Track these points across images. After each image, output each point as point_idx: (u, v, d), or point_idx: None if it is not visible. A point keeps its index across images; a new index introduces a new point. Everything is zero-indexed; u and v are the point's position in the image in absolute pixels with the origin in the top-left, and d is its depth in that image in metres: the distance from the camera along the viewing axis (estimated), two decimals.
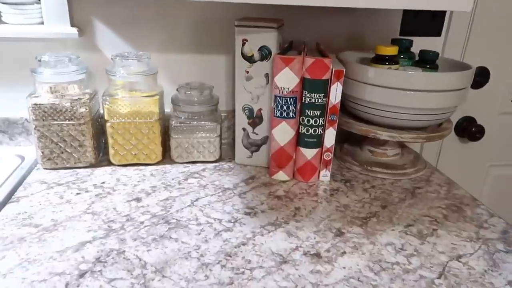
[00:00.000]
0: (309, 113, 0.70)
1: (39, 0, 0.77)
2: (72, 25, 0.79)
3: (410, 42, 0.82)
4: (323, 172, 0.75)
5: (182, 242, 0.56)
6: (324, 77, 0.68)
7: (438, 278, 0.51)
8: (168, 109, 0.82)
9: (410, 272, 0.52)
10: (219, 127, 0.78)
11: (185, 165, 0.79)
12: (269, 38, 0.70)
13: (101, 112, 0.77)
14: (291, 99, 0.69)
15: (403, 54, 0.80)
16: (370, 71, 0.71)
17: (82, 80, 0.73)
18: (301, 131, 0.72)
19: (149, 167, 0.77)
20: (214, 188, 0.71)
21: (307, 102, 0.70)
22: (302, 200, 0.69)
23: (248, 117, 0.77)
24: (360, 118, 0.78)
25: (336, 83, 0.69)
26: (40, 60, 0.70)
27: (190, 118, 0.77)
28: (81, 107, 0.71)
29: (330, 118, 0.71)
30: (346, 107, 0.79)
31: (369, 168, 0.79)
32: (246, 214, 0.64)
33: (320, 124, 0.71)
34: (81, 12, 0.80)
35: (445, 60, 0.81)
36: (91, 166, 0.76)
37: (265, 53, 0.71)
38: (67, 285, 0.47)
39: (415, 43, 0.86)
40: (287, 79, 0.68)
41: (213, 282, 0.49)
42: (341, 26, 0.89)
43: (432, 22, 0.93)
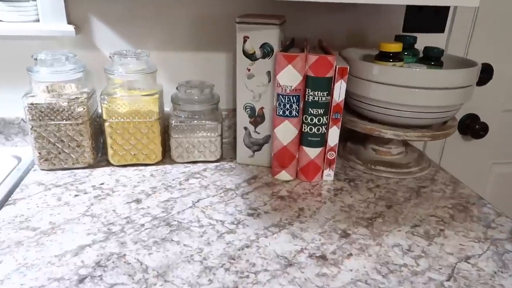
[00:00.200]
0: (312, 112, 0.69)
1: None
2: (69, 22, 0.77)
3: (414, 39, 0.80)
4: (326, 172, 0.74)
5: (184, 245, 0.55)
6: (328, 75, 0.66)
7: (447, 280, 0.50)
8: (168, 108, 0.80)
9: (418, 274, 0.51)
10: (220, 126, 0.76)
11: (185, 165, 0.78)
12: (271, 35, 0.68)
13: (99, 112, 0.76)
14: (294, 98, 0.68)
15: (407, 51, 0.79)
16: (374, 68, 0.69)
17: (79, 79, 0.72)
18: (304, 130, 0.70)
19: (148, 168, 0.76)
20: (216, 188, 0.70)
21: (310, 100, 0.68)
22: (306, 200, 0.67)
23: (250, 116, 0.75)
24: (363, 116, 0.77)
25: (340, 81, 0.67)
26: (36, 59, 0.68)
27: (190, 117, 0.75)
28: (78, 106, 0.69)
29: (333, 117, 0.70)
30: (349, 105, 0.78)
31: (373, 167, 0.78)
32: (249, 215, 0.62)
33: (323, 122, 0.70)
34: (78, 9, 0.78)
35: (449, 57, 0.80)
36: (90, 166, 0.75)
37: (267, 51, 0.70)
38: None
39: (417, 39, 0.85)
40: (290, 77, 0.66)
41: (217, 286, 0.47)
42: (343, 22, 0.88)
43: (436, 18, 0.91)
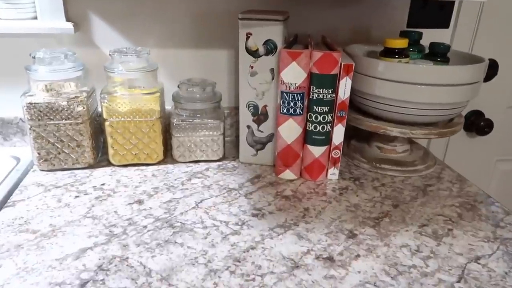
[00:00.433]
0: (317, 110, 0.67)
1: None
2: (67, 19, 0.76)
3: (420, 35, 0.79)
4: (331, 171, 0.73)
5: (188, 247, 0.53)
6: (333, 72, 0.65)
7: (458, 281, 0.49)
8: (169, 106, 0.79)
9: (428, 275, 0.50)
10: (222, 124, 0.75)
11: (187, 164, 0.76)
12: (275, 32, 0.67)
13: (99, 111, 0.74)
14: (298, 95, 0.66)
15: (412, 47, 0.77)
16: (380, 65, 0.68)
17: (79, 77, 0.70)
18: (309, 128, 0.69)
19: (150, 167, 0.74)
20: (219, 188, 0.68)
21: (315, 98, 0.67)
22: (311, 200, 0.66)
23: (253, 114, 0.74)
24: (368, 114, 0.75)
25: (345, 78, 0.66)
26: (34, 57, 0.67)
27: (192, 115, 0.74)
28: (78, 105, 0.68)
29: (338, 115, 0.68)
30: (353, 102, 0.76)
31: (378, 165, 0.76)
32: (254, 215, 0.61)
33: (328, 120, 0.68)
34: (76, 6, 0.76)
35: (455, 53, 0.78)
36: (90, 167, 0.73)
37: (270, 47, 0.68)
38: None
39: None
40: (294, 74, 0.65)
41: None
42: (346, 18, 0.86)
43: (440, 13, 0.90)
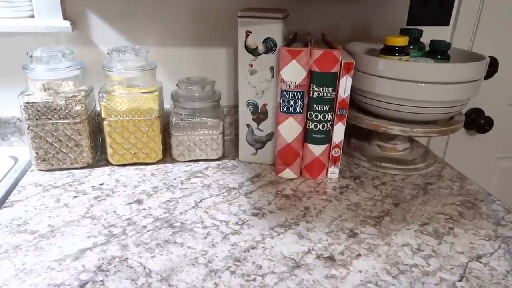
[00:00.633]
0: (317, 108, 0.67)
1: None
2: (65, 18, 0.75)
3: (420, 32, 0.78)
4: (331, 169, 0.72)
5: (188, 247, 0.53)
6: (333, 70, 0.64)
7: (460, 280, 0.49)
8: (168, 105, 0.78)
9: (429, 274, 0.50)
10: (221, 123, 0.75)
11: (187, 163, 0.76)
12: (274, 30, 0.67)
13: (98, 110, 0.74)
14: (298, 94, 0.66)
15: (412, 45, 0.77)
16: (380, 62, 0.68)
17: (77, 76, 0.70)
18: (309, 126, 0.69)
19: (149, 167, 0.74)
20: (219, 187, 0.68)
21: (315, 96, 0.66)
22: (311, 199, 0.66)
23: (253, 113, 0.73)
24: (368, 112, 0.75)
25: (345, 76, 0.65)
26: (31, 56, 0.66)
27: (191, 114, 0.73)
28: (76, 105, 0.67)
29: (339, 113, 0.68)
30: (353, 100, 0.76)
31: (378, 163, 0.76)
32: (254, 215, 0.61)
33: (328, 119, 0.68)
34: (74, 4, 0.76)
35: (455, 51, 0.78)
36: (89, 166, 0.73)
37: (270, 46, 0.68)
38: None
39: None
40: (294, 72, 0.65)
41: None
42: (346, 16, 0.86)
43: (440, 11, 0.89)
